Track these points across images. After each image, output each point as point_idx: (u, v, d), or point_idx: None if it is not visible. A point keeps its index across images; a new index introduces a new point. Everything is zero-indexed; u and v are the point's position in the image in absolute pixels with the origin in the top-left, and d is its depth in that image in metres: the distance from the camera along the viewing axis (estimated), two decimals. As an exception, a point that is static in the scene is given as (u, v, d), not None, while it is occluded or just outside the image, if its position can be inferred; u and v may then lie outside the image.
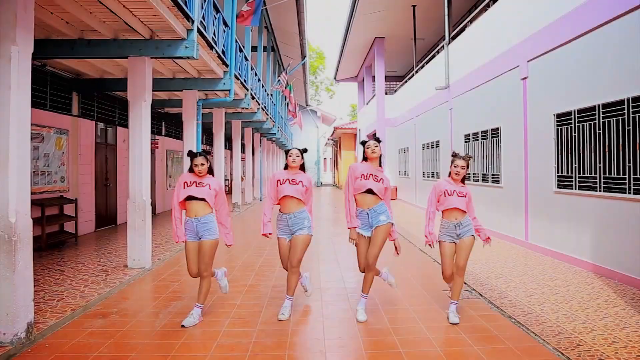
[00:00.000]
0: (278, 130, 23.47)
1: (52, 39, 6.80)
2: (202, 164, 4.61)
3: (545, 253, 7.64)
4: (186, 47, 6.77)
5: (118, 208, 11.90)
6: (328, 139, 38.21)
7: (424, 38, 19.49)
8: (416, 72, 17.43)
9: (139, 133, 6.79)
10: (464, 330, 4.37)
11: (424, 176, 15.82)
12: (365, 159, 4.81)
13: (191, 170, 4.68)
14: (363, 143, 4.83)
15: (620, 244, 5.95)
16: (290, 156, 4.84)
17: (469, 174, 11.34)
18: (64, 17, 6.36)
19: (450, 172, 4.77)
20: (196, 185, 4.59)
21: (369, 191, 4.60)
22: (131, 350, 3.95)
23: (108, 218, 11.53)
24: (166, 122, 15.53)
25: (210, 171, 4.76)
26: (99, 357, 3.81)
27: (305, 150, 4.94)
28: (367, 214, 4.62)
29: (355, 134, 30.75)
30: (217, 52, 8.41)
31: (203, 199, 4.55)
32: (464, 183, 4.77)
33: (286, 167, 4.90)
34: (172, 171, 16.24)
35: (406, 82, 19.23)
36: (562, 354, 3.78)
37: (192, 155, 4.69)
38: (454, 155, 4.81)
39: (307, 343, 4.17)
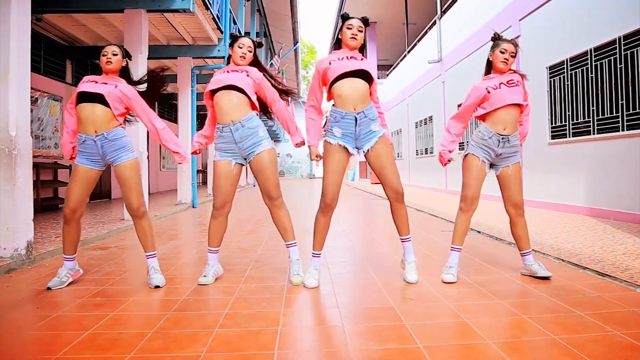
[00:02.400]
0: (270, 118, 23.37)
1: (46, -9, 6.74)
2: (115, 54, 3.27)
3: (539, 206, 7.68)
4: (182, 0, 6.75)
5: (112, 182, 11.80)
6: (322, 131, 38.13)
7: (415, 23, 19.54)
8: (408, 52, 17.47)
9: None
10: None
11: (417, 154, 15.85)
12: (338, 45, 3.27)
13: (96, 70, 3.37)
14: (344, 17, 3.22)
15: (615, 182, 6.00)
16: (240, 47, 3.28)
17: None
18: (59, -34, 6.32)
19: (491, 65, 3.34)
20: (95, 83, 3.19)
21: (355, 73, 3.07)
22: (134, 268, 3.92)
23: (102, 193, 11.42)
24: (159, 104, 15.43)
25: (126, 75, 3.42)
26: (98, 270, 3.78)
27: (260, 45, 3.44)
28: (355, 119, 3.08)
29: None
30: (212, 13, 8.38)
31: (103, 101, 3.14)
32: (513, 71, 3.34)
33: (228, 62, 3.42)
34: (165, 152, 16.14)
35: (398, 64, 19.28)
36: (562, 260, 3.80)
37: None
38: (497, 37, 3.35)
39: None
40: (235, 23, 11.34)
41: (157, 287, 3.16)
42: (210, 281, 3.28)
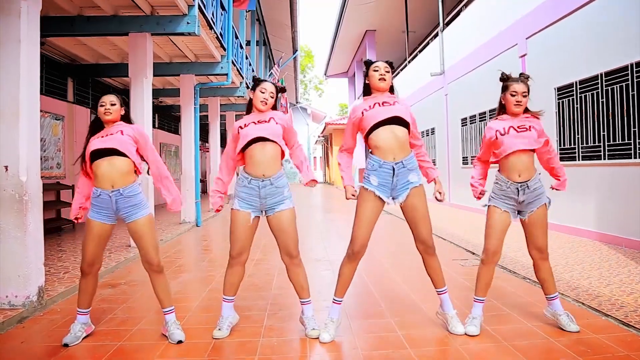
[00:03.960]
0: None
1: (50, 15, 6.65)
2: (113, 104, 3.20)
3: (549, 228, 7.65)
4: (188, 23, 6.68)
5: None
6: (319, 136, 38.11)
7: (415, 31, 19.50)
8: (409, 62, 17.44)
9: (141, 109, 6.68)
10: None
11: (418, 165, 15.81)
12: (367, 91, 3.25)
13: (97, 126, 3.29)
14: (368, 64, 3.22)
15: (626, 209, 5.98)
16: (262, 92, 3.19)
17: (466, 156, 11.38)
18: (64, -8, 6.25)
19: (504, 107, 3.26)
20: (103, 137, 3.15)
21: (390, 121, 3.02)
22: (146, 312, 3.87)
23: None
24: (160, 115, 15.37)
25: (126, 118, 3.35)
26: (113, 318, 3.73)
27: (283, 90, 3.42)
28: (393, 169, 3.03)
29: (347, 130, 30.65)
30: (215, 32, 8.33)
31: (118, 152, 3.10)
32: (529, 113, 3.24)
33: (250, 110, 3.31)
34: (167, 164, 16.07)
35: (399, 73, 19.25)
36: (582, 303, 3.77)
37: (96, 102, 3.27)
38: (506, 78, 3.26)
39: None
40: (237, 37, 11.29)
41: (179, 342, 3.11)
42: (225, 334, 3.22)
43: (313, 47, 75.19)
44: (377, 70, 3.14)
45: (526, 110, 3.25)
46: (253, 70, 15.35)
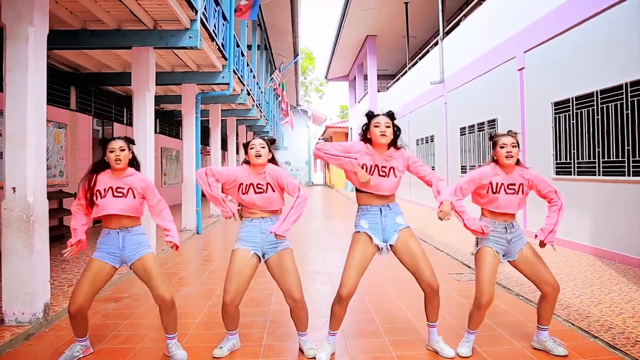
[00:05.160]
0: (270, 129, 23.50)
1: (55, 29, 6.78)
2: (122, 149, 3.29)
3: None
4: (190, 37, 6.81)
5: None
6: (319, 139, 38.24)
7: (415, 36, 19.64)
8: (409, 68, 17.57)
9: (143, 122, 6.81)
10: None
11: (418, 171, 15.94)
12: (367, 139, 3.30)
13: (102, 166, 3.36)
14: (369, 116, 3.29)
15: (620, 226, 6.11)
16: (252, 148, 3.33)
17: (465, 165, 11.50)
18: (68, 7, 6.37)
19: (495, 159, 3.35)
20: (113, 194, 3.26)
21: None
22: (149, 329, 3.99)
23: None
24: (161, 120, 15.50)
25: (134, 164, 3.46)
26: (117, 335, 3.85)
27: (273, 141, 3.49)
28: (380, 210, 3.25)
29: (347, 133, 30.85)
30: (217, 44, 8.45)
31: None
32: (519, 165, 3.36)
33: (247, 162, 3.43)
34: (166, 169, 16.20)
35: (399, 79, 19.39)
36: (572, 324, 3.90)
37: (105, 142, 3.33)
38: (494, 136, 3.38)
39: None
40: (238, 46, 11.42)
41: None
42: (225, 354, 3.35)
43: (314, 49, 75.31)
44: (378, 127, 3.19)
45: (517, 162, 3.33)
46: (254, 77, 15.48)
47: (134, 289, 5.36)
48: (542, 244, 3.45)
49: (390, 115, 3.27)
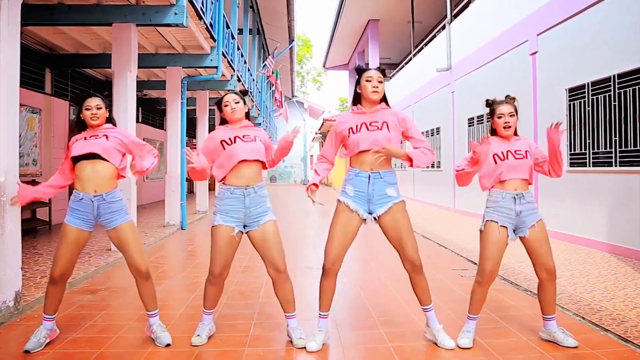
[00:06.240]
0: (263, 121, 23.54)
1: (29, 3, 6.81)
2: (99, 107, 3.40)
3: (556, 237, 7.86)
4: (175, 14, 6.84)
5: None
6: (316, 133, 38.22)
7: (421, 21, 19.71)
8: (414, 56, 17.64)
9: (124, 105, 6.85)
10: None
11: (422, 168, 16.00)
12: (357, 99, 3.41)
13: (80, 125, 3.49)
14: (360, 71, 3.38)
15: (638, 219, 6.17)
16: (226, 105, 3.44)
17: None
18: (44, -22, 6.42)
19: (494, 129, 3.48)
20: (85, 139, 3.36)
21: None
22: (127, 320, 4.04)
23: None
24: (144, 108, 15.53)
25: (110, 120, 3.59)
26: (93, 325, 3.90)
27: (245, 93, 3.66)
28: (369, 177, 3.26)
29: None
30: (205, 23, 8.49)
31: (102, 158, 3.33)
32: (517, 135, 3.50)
33: (223, 122, 3.56)
34: (149, 162, 16.23)
35: (402, 67, 19.46)
36: (582, 318, 3.96)
37: (78, 100, 3.46)
38: (491, 103, 3.48)
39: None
40: (228, 27, 11.46)
41: (167, 345, 3.35)
42: (204, 341, 3.43)
43: (311, 36, 75.30)
44: (370, 81, 3.27)
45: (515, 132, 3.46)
46: (245, 62, 15.52)
47: (111, 281, 5.41)
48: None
49: (382, 71, 3.35)
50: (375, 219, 3.30)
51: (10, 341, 3.55)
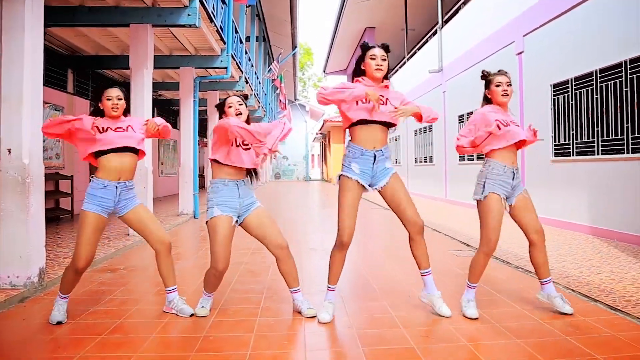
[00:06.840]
0: (269, 121, 23.44)
1: (52, 5, 6.71)
2: (120, 98, 3.25)
3: (543, 222, 7.74)
4: (189, 15, 6.76)
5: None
6: (317, 134, 38.17)
7: (414, 29, 19.59)
8: (407, 59, 17.53)
9: (140, 101, 6.76)
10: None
11: (416, 162, 15.93)
12: (359, 72, 3.27)
13: (97, 112, 3.29)
14: (365, 48, 3.24)
15: (619, 203, 6.08)
16: (230, 106, 3.26)
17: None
18: (66, -18, 6.32)
19: (489, 97, 3.36)
20: (114, 131, 3.19)
21: (374, 121, 3.11)
22: (146, 294, 3.95)
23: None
24: (159, 109, 15.42)
25: (127, 112, 3.44)
26: (113, 299, 3.81)
27: (246, 97, 3.46)
28: (374, 156, 3.15)
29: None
30: (215, 26, 8.39)
31: (131, 149, 3.24)
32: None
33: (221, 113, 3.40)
34: (163, 157, 16.15)
35: (397, 71, 19.34)
36: (572, 290, 3.87)
37: (101, 89, 3.27)
38: (487, 74, 3.41)
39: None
40: (237, 32, 11.37)
41: (192, 315, 3.29)
42: (208, 312, 3.37)
43: (312, 45, 75.19)
44: (374, 59, 3.15)
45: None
46: (252, 65, 15.42)
47: (130, 262, 5.32)
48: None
49: (386, 47, 3.22)
50: (376, 189, 3.24)
51: (35, 313, 3.46)
